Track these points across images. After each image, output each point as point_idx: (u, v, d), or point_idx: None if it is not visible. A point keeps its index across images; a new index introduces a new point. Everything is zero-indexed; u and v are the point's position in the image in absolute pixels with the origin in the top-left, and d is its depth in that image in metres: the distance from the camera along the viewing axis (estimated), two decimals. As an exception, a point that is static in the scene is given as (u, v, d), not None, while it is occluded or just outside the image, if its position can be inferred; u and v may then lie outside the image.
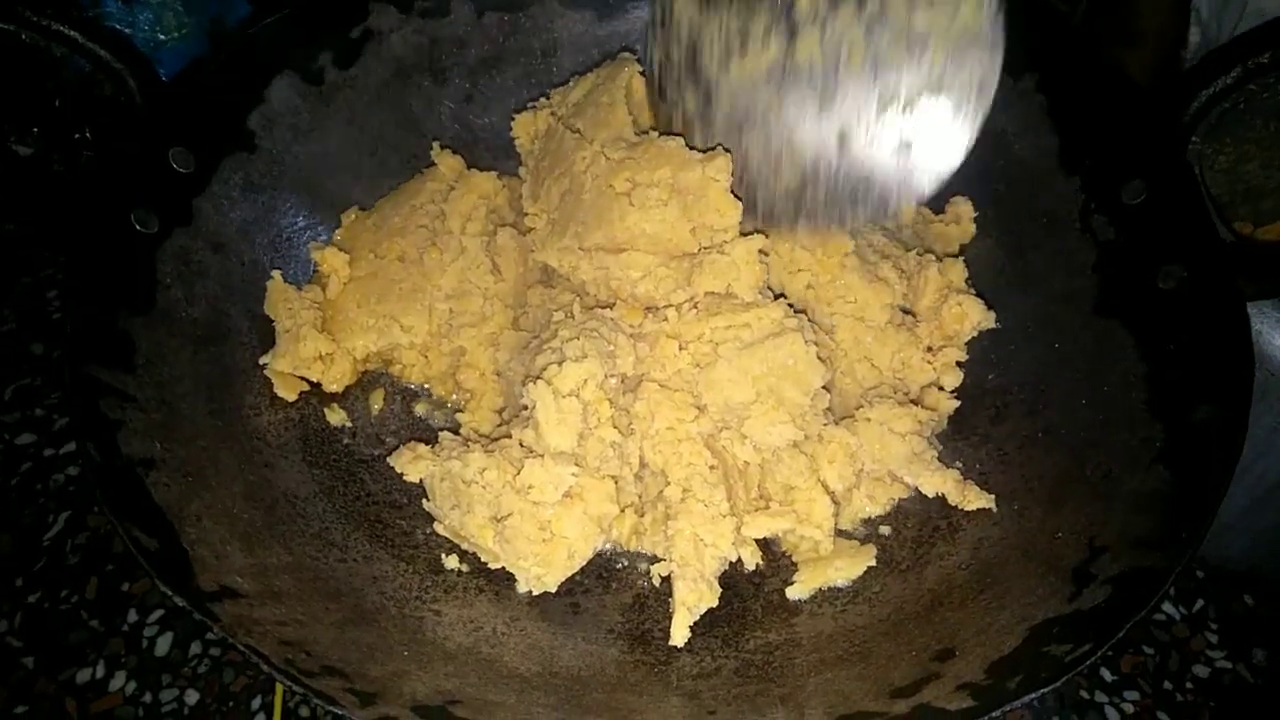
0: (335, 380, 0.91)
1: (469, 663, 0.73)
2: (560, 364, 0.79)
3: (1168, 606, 1.03)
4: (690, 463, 0.80)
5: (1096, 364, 0.83)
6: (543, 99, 1.04)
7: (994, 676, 0.64)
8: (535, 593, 0.80)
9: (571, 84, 1.03)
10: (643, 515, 0.83)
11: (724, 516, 0.78)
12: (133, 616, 1.01)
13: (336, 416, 0.92)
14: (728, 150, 0.85)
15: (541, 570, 0.78)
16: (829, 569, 0.81)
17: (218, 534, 0.72)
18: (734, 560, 0.80)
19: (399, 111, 1.04)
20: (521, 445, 0.79)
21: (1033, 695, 0.59)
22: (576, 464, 0.77)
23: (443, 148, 1.01)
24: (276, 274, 0.92)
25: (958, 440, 0.89)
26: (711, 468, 0.80)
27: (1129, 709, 0.96)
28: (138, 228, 0.83)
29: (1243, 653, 1.00)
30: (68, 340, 0.74)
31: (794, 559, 0.84)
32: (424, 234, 0.95)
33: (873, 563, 0.81)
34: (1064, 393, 0.85)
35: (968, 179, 0.98)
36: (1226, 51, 0.82)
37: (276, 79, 0.95)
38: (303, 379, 0.91)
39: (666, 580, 0.79)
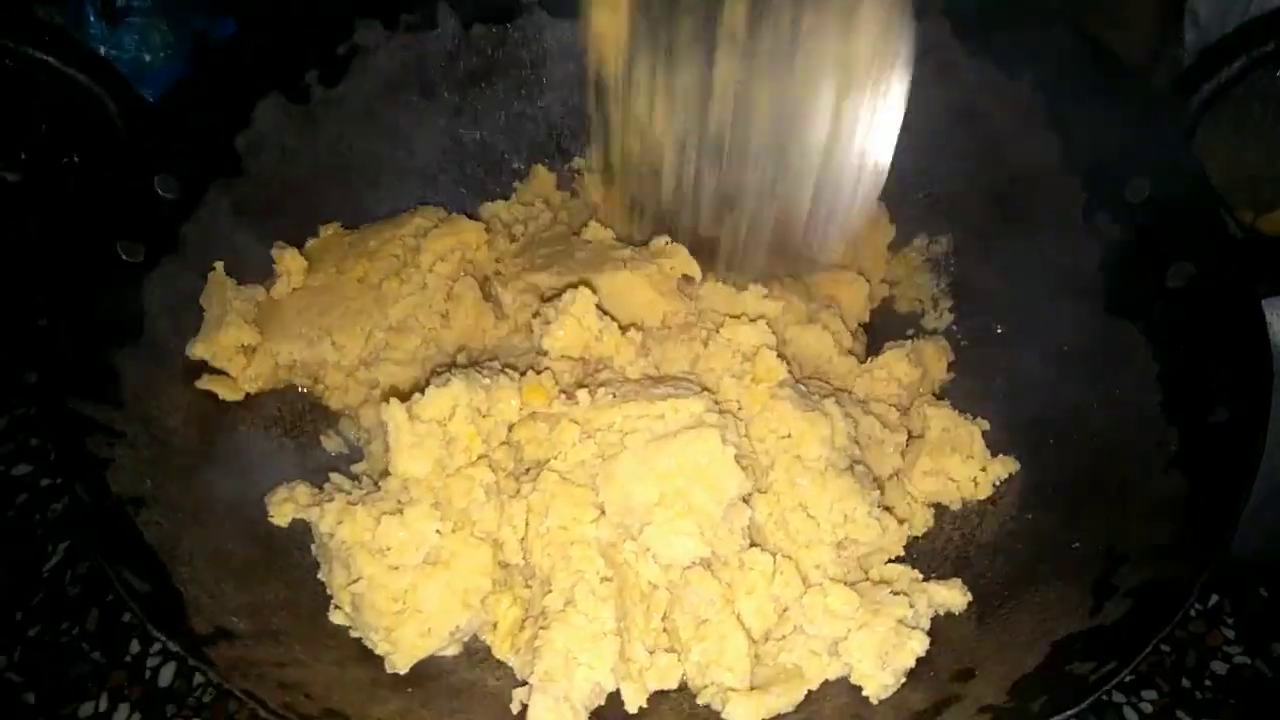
0: (250, 380, 0.89)
1: (475, 697, 0.72)
2: (423, 391, 0.73)
3: (1184, 601, 1.02)
4: (579, 569, 0.71)
5: (1107, 366, 0.82)
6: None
7: (1017, 698, 0.63)
8: (387, 671, 0.72)
9: None
10: (523, 627, 0.74)
11: (606, 635, 0.69)
12: (135, 648, 0.99)
13: (333, 443, 0.90)
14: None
15: (389, 648, 0.70)
16: (766, 697, 0.69)
17: (212, 572, 0.71)
18: (612, 691, 0.70)
19: (388, 129, 1.02)
20: (398, 501, 0.72)
21: (1058, 718, 0.58)
22: (441, 515, 0.71)
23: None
24: (219, 265, 0.89)
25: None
26: (604, 579, 0.71)
27: (1147, 708, 0.95)
28: (123, 258, 0.81)
29: (1260, 647, 0.98)
30: (51, 378, 0.72)
31: (699, 700, 0.71)
32: (393, 263, 0.94)
33: (814, 687, 0.71)
34: (1075, 396, 0.83)
35: (968, 178, 0.98)
36: (1230, 41, 0.80)
37: (262, 100, 0.93)
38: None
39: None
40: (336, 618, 0.75)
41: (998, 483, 0.84)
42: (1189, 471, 0.71)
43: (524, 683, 0.71)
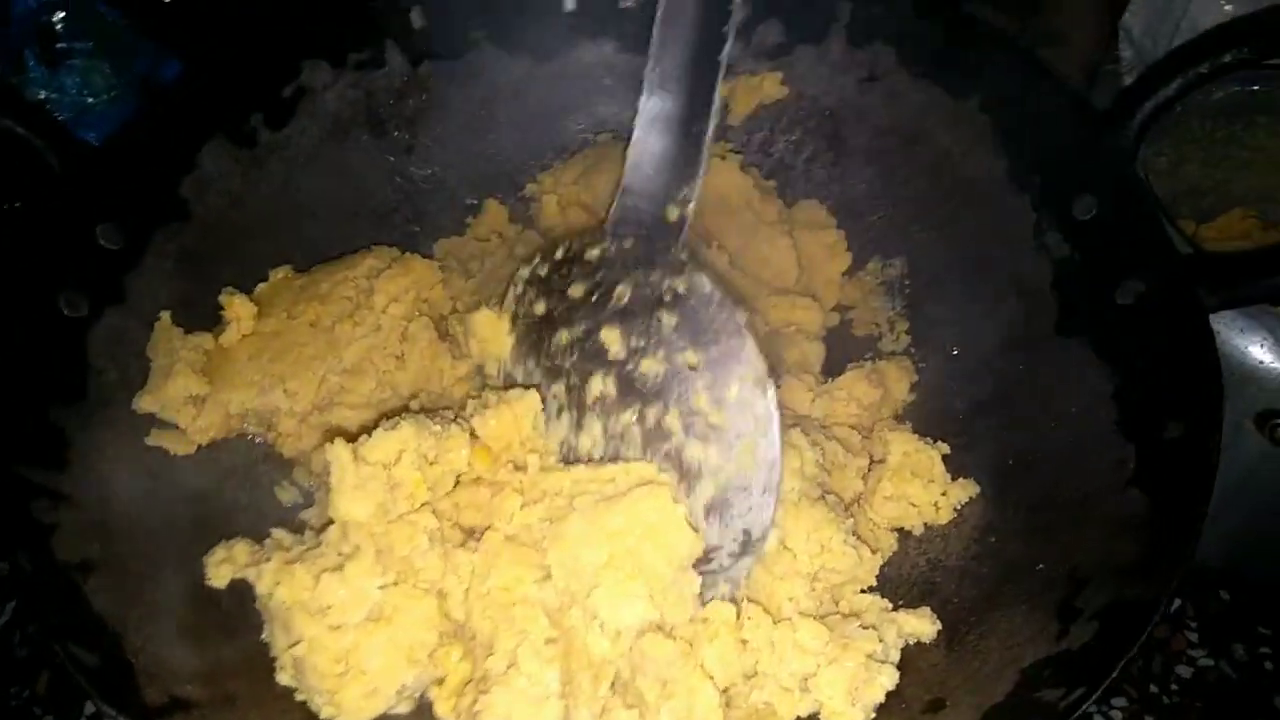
0: (201, 431, 0.86)
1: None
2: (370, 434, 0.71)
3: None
4: (523, 630, 0.69)
5: (1062, 384, 0.82)
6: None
7: (988, 729, 0.63)
8: None
9: None
10: (465, 690, 0.71)
11: (549, 698, 0.67)
12: (89, 709, 0.97)
13: (288, 494, 0.88)
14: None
15: (333, 711, 0.67)
16: None
17: (163, 638, 0.69)
18: None
19: (337, 169, 1.01)
20: (339, 554, 0.70)
21: (1028, 747, 0.58)
22: (384, 566, 0.68)
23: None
24: (165, 315, 0.87)
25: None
26: (548, 641, 0.69)
27: (1118, 716, 0.96)
28: (65, 312, 0.79)
29: (1223, 649, 1.00)
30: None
31: None
32: (345, 305, 0.92)
33: None
34: (1031, 417, 0.84)
35: (919, 201, 0.99)
36: (1167, 63, 0.82)
37: (207, 144, 0.92)
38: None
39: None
40: (283, 679, 0.72)
41: (959, 507, 0.84)
42: (1147, 489, 0.71)
43: None
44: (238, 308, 0.90)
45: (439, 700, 0.72)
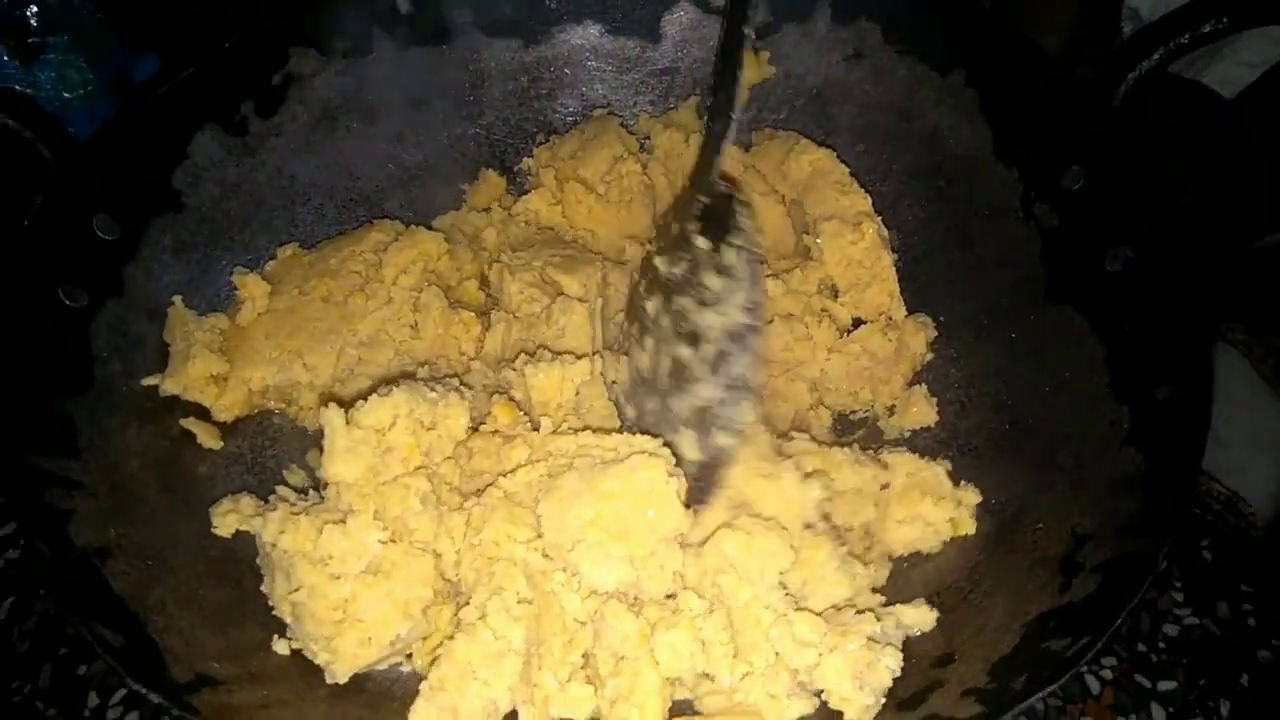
0: (225, 409, 0.88)
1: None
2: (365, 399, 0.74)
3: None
4: (500, 587, 0.70)
5: (1055, 351, 0.84)
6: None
7: (997, 679, 0.64)
8: (328, 681, 0.71)
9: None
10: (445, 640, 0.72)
11: (510, 654, 0.68)
12: (94, 700, 0.95)
13: (296, 478, 0.89)
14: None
15: (329, 657, 0.69)
16: None
17: (186, 619, 0.69)
18: (508, 712, 0.69)
19: (329, 156, 1.01)
20: (340, 510, 0.72)
21: (1040, 695, 0.59)
22: (382, 526, 0.70)
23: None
24: (178, 299, 0.88)
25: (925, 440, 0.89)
26: (522, 600, 0.70)
27: (1108, 675, 0.97)
28: (67, 303, 0.80)
29: (1207, 607, 1.01)
30: (1, 432, 0.70)
31: None
32: (355, 279, 0.93)
33: None
34: (1026, 382, 0.85)
35: (909, 175, 1.00)
36: (1149, 34, 0.83)
37: (198, 134, 0.92)
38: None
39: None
40: (280, 648, 0.73)
41: (975, 515, 0.82)
42: (1142, 448, 0.73)
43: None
44: (251, 286, 0.91)
45: (418, 653, 0.74)
